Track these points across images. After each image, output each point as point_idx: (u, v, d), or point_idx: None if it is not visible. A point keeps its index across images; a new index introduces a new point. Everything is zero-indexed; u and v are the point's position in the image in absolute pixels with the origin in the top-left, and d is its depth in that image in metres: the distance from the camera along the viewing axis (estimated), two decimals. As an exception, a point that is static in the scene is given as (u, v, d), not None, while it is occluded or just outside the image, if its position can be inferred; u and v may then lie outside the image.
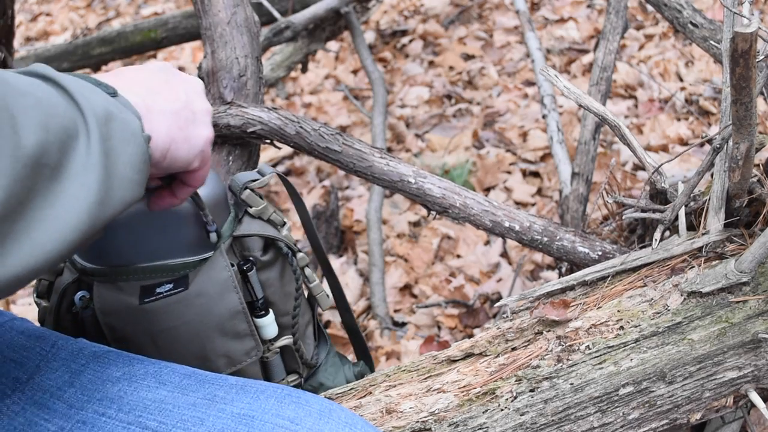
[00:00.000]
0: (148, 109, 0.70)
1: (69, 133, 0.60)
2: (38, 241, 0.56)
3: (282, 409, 0.70)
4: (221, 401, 0.71)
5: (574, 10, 3.65)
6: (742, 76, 0.73)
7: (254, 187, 0.94)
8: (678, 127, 2.73)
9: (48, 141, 0.57)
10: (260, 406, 0.70)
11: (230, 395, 0.71)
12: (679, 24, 1.32)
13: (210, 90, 1.19)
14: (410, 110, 3.27)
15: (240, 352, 0.92)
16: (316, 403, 0.71)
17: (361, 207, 2.70)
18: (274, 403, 0.70)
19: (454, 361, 0.94)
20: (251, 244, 0.92)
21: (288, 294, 0.95)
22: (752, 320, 0.92)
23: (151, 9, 4.63)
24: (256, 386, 0.73)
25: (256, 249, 0.92)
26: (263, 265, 0.92)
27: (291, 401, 0.71)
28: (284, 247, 0.94)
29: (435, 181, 1.15)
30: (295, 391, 0.73)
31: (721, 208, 0.99)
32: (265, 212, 0.94)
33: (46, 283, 0.92)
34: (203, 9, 1.19)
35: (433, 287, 2.36)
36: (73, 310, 0.89)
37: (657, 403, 0.91)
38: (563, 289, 1.02)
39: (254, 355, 0.93)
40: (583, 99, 1.07)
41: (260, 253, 0.92)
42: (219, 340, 0.90)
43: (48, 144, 0.57)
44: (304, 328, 1.02)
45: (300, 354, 1.00)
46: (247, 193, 0.93)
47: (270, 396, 0.71)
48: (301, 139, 1.15)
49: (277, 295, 0.94)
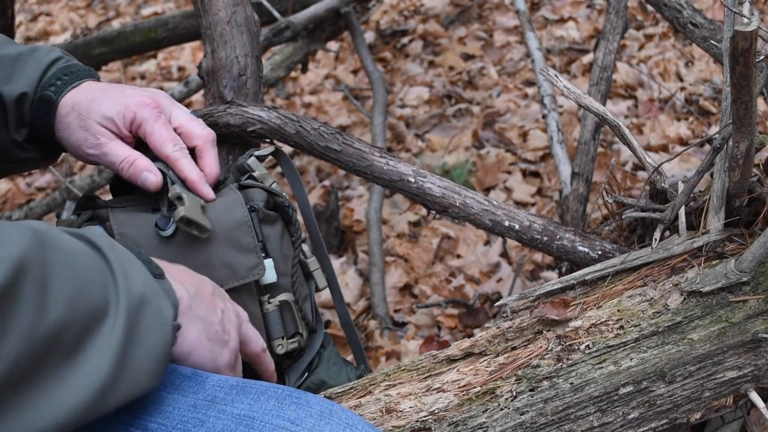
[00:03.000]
0: (188, 306, 0.74)
1: (96, 315, 0.60)
2: (28, 421, 0.55)
3: (282, 409, 0.69)
4: (221, 402, 0.70)
5: (574, 10, 3.65)
6: (742, 75, 0.73)
7: (259, 155, 1.02)
8: (678, 127, 2.73)
9: (71, 320, 0.57)
10: (261, 407, 0.70)
11: (230, 396, 0.71)
12: (679, 24, 1.32)
13: (210, 89, 1.19)
14: (410, 110, 3.27)
15: (243, 266, 0.92)
16: (316, 403, 0.71)
17: (361, 207, 2.70)
18: (275, 404, 0.70)
19: (453, 360, 0.94)
20: (255, 195, 0.97)
21: (286, 257, 0.98)
22: (752, 320, 0.92)
23: (151, 9, 4.63)
24: (256, 387, 0.73)
25: (258, 200, 0.96)
26: (264, 218, 0.96)
27: (291, 402, 0.71)
28: (285, 201, 0.98)
29: (435, 181, 1.15)
30: (296, 391, 0.73)
31: (721, 207, 0.99)
32: (267, 179, 1.00)
33: None
34: (203, 8, 1.19)
35: (433, 287, 2.36)
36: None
37: (657, 402, 0.90)
38: (563, 288, 1.02)
39: (257, 273, 0.93)
40: (583, 99, 1.07)
41: (263, 204, 0.96)
42: (221, 248, 0.91)
43: (71, 324, 0.57)
44: (303, 300, 1.01)
45: (303, 314, 0.99)
46: (252, 160, 1.01)
47: (270, 397, 0.71)
48: (300, 138, 1.15)
49: (277, 252, 0.96)
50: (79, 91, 0.93)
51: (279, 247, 0.97)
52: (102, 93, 0.93)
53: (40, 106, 0.91)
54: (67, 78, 0.93)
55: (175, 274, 0.76)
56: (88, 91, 0.93)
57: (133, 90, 0.95)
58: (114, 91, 0.93)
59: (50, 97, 0.91)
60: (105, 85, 0.95)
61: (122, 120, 0.91)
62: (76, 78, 0.94)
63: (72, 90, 0.93)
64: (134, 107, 0.91)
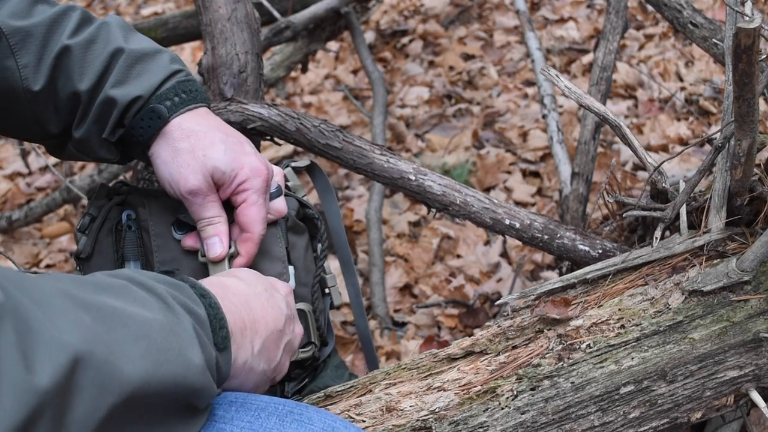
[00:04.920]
0: (243, 367, 0.74)
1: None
2: None
3: (284, 427, 0.68)
4: (220, 420, 0.68)
5: (574, 10, 3.65)
6: (745, 72, 0.73)
7: (295, 166, 1.07)
8: (678, 127, 2.73)
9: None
10: (261, 425, 0.68)
11: (230, 413, 0.69)
12: (679, 24, 1.32)
13: (210, 86, 1.19)
14: (410, 110, 3.26)
15: (268, 272, 0.91)
16: (319, 420, 0.69)
17: (361, 207, 2.70)
18: (276, 421, 0.68)
19: (454, 359, 0.93)
20: (288, 203, 0.99)
21: (308, 268, 1.00)
22: (753, 319, 0.92)
23: (151, 9, 4.62)
24: (256, 403, 0.71)
25: (290, 208, 0.98)
26: (293, 226, 0.98)
27: (293, 419, 0.69)
28: (315, 214, 1.01)
29: (435, 179, 1.14)
30: (298, 407, 0.71)
31: (722, 206, 0.98)
32: (299, 190, 1.04)
33: (88, 218, 0.95)
34: (204, 5, 1.19)
35: (433, 287, 2.36)
36: (118, 228, 0.94)
37: (658, 402, 0.90)
38: (564, 287, 1.02)
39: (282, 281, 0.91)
40: (584, 99, 1.06)
41: (294, 213, 0.99)
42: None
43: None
44: (319, 312, 1.02)
45: (318, 325, 1.00)
46: (288, 170, 1.05)
47: (271, 414, 0.69)
48: (301, 136, 1.14)
49: (300, 262, 0.98)
50: (196, 119, 0.89)
51: (302, 258, 0.99)
52: (223, 136, 0.89)
53: (148, 116, 0.87)
54: (185, 97, 0.89)
55: (246, 316, 0.73)
56: (205, 124, 0.89)
57: (251, 149, 0.92)
58: (233, 141, 0.89)
59: (163, 113, 0.87)
60: (224, 127, 0.91)
61: (231, 177, 0.88)
62: (194, 100, 0.90)
63: (188, 113, 0.89)
64: (249, 171, 0.88)
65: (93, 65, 0.87)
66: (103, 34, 0.89)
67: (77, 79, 0.87)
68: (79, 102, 0.88)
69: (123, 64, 0.88)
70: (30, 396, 0.45)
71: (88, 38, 0.88)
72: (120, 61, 0.88)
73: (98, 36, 0.89)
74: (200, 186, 0.86)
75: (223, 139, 0.88)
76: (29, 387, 0.45)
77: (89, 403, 0.50)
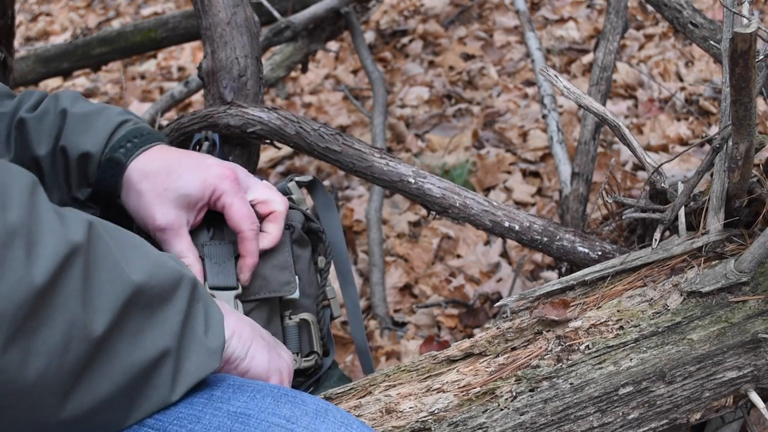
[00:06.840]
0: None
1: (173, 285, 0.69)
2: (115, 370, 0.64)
3: (278, 407, 0.70)
4: (218, 400, 0.71)
5: (574, 10, 3.65)
6: (742, 77, 0.73)
7: (299, 181, 1.08)
8: (678, 127, 2.73)
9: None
10: (256, 405, 0.70)
11: (227, 394, 0.72)
12: (679, 24, 1.32)
13: (210, 90, 1.19)
14: (410, 110, 3.27)
15: (277, 281, 0.96)
16: (312, 402, 0.72)
17: (361, 207, 2.70)
18: (271, 401, 0.71)
19: (453, 360, 0.94)
20: (293, 216, 1.01)
21: (312, 282, 1.02)
22: (752, 320, 0.92)
23: (151, 9, 4.63)
24: (253, 385, 0.73)
25: (296, 221, 1.01)
26: (299, 239, 1.00)
27: (287, 400, 0.71)
28: (319, 227, 1.03)
29: (435, 181, 1.15)
30: (292, 390, 0.74)
31: (720, 208, 0.99)
32: (302, 204, 1.05)
33: None
34: (203, 9, 1.19)
35: (433, 287, 2.36)
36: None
37: (657, 403, 0.90)
38: (563, 288, 1.02)
39: (289, 290, 0.96)
40: (583, 99, 1.07)
41: (300, 226, 1.01)
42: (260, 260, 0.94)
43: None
44: (323, 323, 1.04)
45: (321, 335, 1.02)
46: (292, 184, 1.06)
47: (267, 395, 0.71)
48: (300, 139, 1.15)
49: (304, 273, 1.01)
50: (151, 157, 0.91)
51: (306, 269, 1.01)
52: (178, 163, 0.91)
53: (108, 167, 0.90)
54: (138, 140, 0.92)
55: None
56: (161, 159, 0.92)
57: (212, 160, 0.94)
58: (190, 162, 0.92)
59: (119, 160, 0.90)
60: (179, 153, 0.94)
61: (201, 195, 0.90)
62: (147, 141, 0.92)
63: (142, 154, 0.91)
64: (213, 180, 0.90)
65: (48, 131, 0.92)
66: (53, 104, 0.94)
67: (35, 146, 0.92)
68: (41, 166, 0.92)
69: (72, 122, 0.92)
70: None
71: (43, 109, 0.93)
72: (68, 121, 0.92)
73: (49, 106, 0.93)
74: (168, 221, 0.90)
75: (181, 164, 0.91)
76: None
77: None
